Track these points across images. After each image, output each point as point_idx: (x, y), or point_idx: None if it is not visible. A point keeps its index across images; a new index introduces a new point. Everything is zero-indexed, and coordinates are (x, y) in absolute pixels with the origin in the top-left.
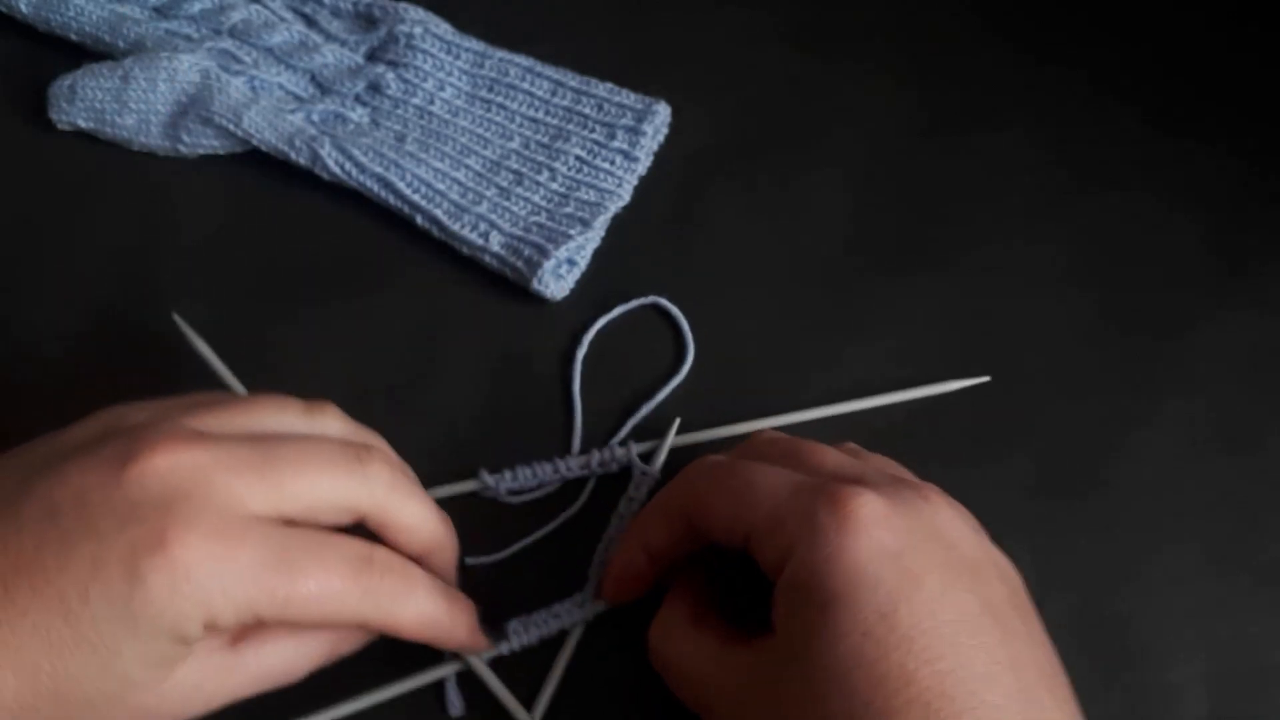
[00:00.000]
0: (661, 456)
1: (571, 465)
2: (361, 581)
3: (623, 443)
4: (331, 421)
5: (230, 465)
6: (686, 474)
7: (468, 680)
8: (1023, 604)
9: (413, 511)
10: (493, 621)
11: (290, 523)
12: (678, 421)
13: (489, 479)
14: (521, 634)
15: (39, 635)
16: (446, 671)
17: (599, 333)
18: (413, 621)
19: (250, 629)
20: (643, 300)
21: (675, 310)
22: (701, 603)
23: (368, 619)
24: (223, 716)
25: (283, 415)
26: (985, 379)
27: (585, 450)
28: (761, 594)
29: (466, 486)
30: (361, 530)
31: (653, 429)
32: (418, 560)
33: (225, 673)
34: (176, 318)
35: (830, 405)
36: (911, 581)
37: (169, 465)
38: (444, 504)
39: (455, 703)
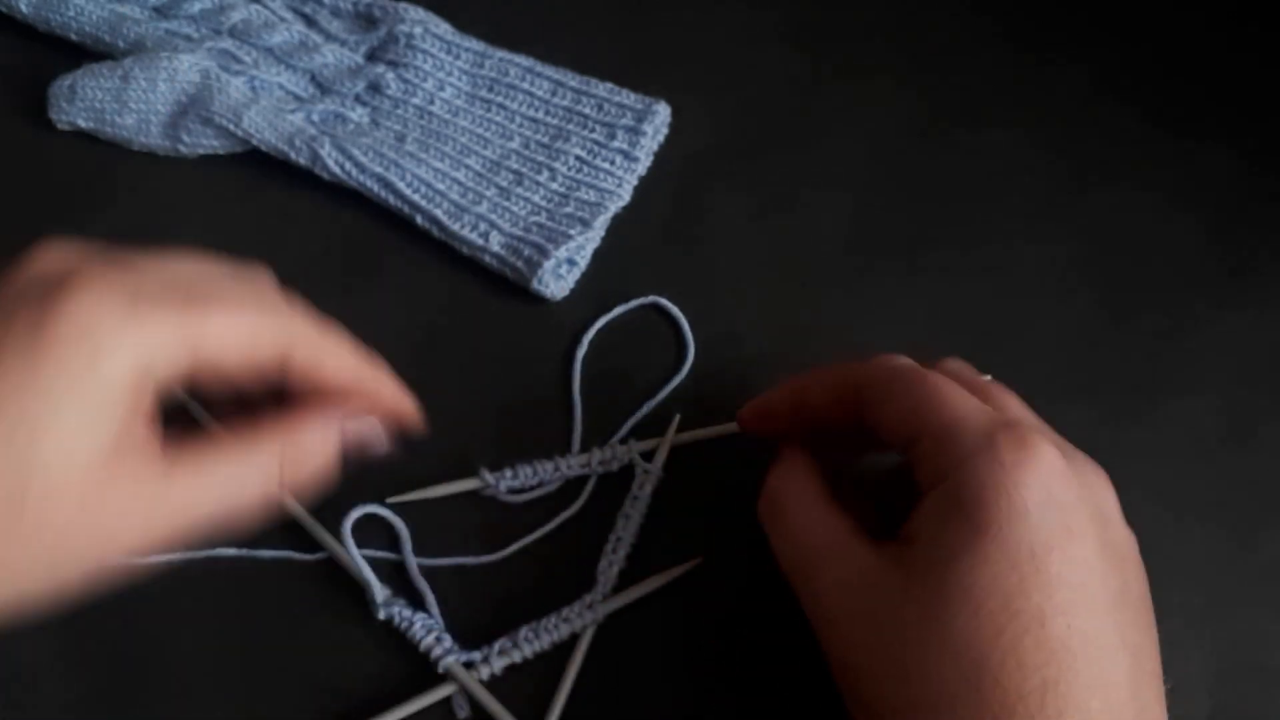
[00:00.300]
0: (662, 454)
1: (572, 464)
2: (279, 306)
3: (623, 441)
4: (250, 274)
5: (105, 252)
6: (876, 362)
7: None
8: (1149, 603)
9: (339, 345)
10: (497, 623)
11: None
12: (677, 419)
13: (489, 477)
14: (534, 640)
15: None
16: (448, 691)
17: (599, 332)
18: (337, 366)
19: (183, 451)
20: (643, 300)
21: (675, 310)
22: (832, 488)
23: (295, 342)
24: None
25: (200, 265)
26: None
27: (585, 449)
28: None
29: (467, 485)
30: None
31: (653, 429)
32: (358, 399)
33: (155, 500)
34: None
35: None
36: (1069, 536)
37: (42, 258)
38: (444, 503)
39: (462, 704)
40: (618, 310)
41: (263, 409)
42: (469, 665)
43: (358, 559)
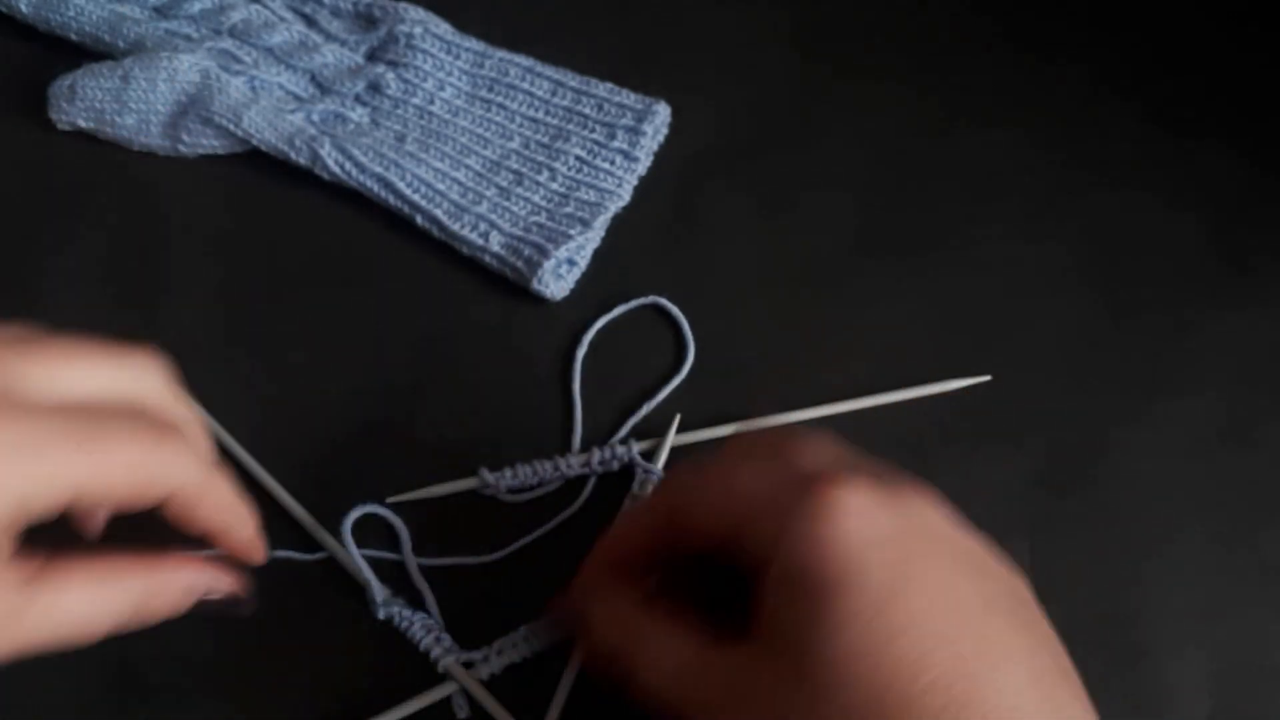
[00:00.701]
0: (664, 454)
1: (572, 463)
2: (165, 446)
3: (623, 441)
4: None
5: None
6: (667, 479)
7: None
8: (1028, 602)
9: (193, 421)
10: (497, 623)
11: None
12: (678, 419)
13: (489, 477)
14: (533, 640)
15: None
16: (447, 691)
17: (599, 332)
18: (221, 500)
19: (46, 568)
20: (643, 300)
21: (675, 310)
22: (665, 600)
23: (177, 488)
24: None
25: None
26: (986, 378)
27: (585, 449)
28: (727, 602)
29: (466, 484)
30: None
31: (653, 429)
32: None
33: (16, 614)
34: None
35: (830, 405)
36: (904, 568)
37: None
38: (444, 502)
39: (462, 705)
40: (618, 310)
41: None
42: (468, 665)
43: (358, 559)
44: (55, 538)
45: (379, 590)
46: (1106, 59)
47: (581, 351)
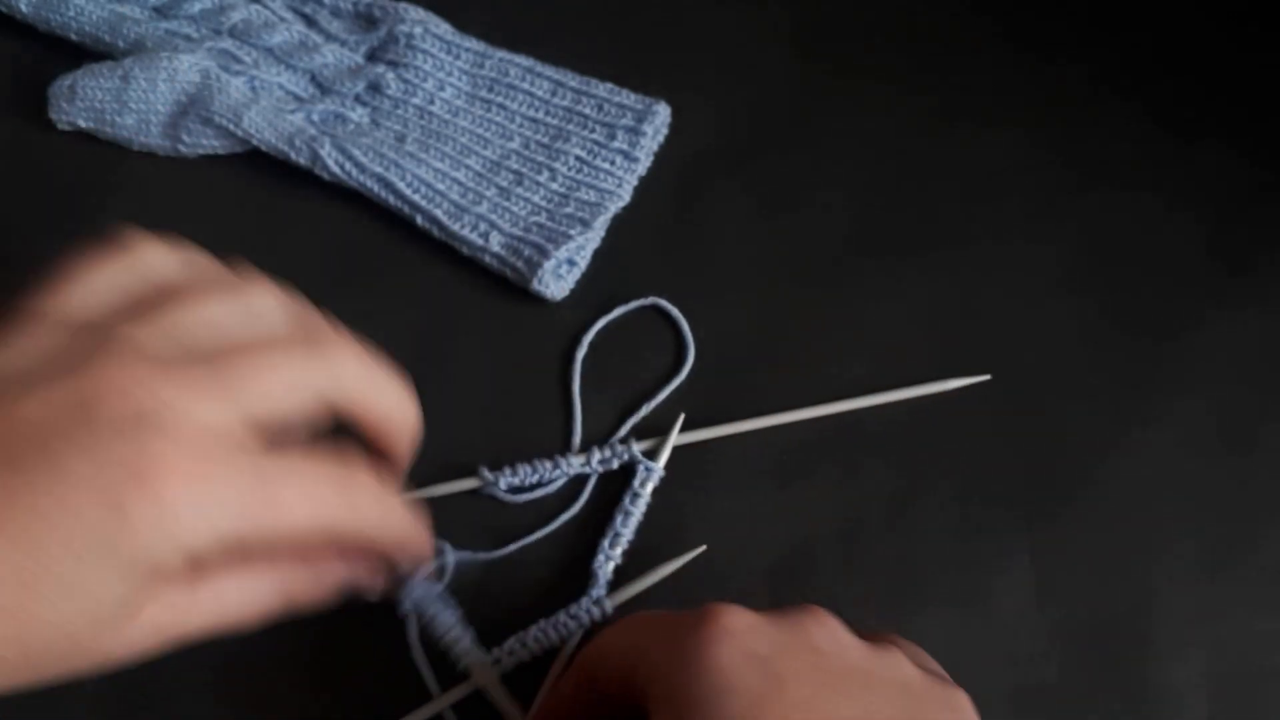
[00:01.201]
0: (666, 452)
1: (573, 462)
2: (345, 497)
3: (624, 440)
4: (267, 301)
5: (188, 384)
6: (588, 643)
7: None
8: (922, 697)
9: (382, 389)
10: (499, 622)
11: (263, 429)
12: (682, 418)
13: (489, 475)
14: (545, 638)
15: (7, 577)
16: (462, 693)
17: (599, 333)
18: (392, 535)
19: (206, 566)
20: (642, 301)
21: (675, 311)
22: None
23: (348, 531)
24: None
25: (220, 307)
26: (985, 377)
27: (585, 449)
28: None
29: (466, 484)
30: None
31: (653, 429)
32: (387, 444)
33: (184, 611)
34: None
35: (829, 404)
36: (777, 685)
37: (129, 396)
38: (443, 502)
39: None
40: (618, 311)
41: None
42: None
43: None
44: None
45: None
46: (1106, 59)
47: (581, 353)
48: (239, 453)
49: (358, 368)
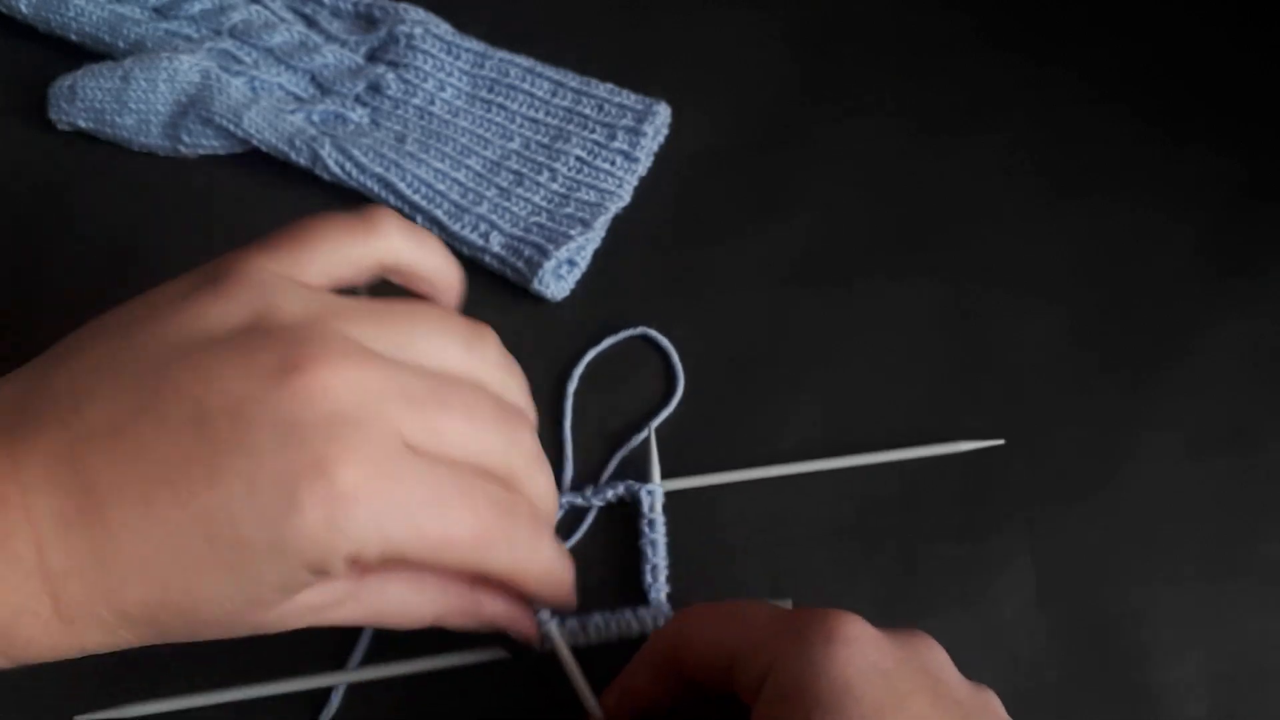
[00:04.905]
0: (656, 469)
1: (565, 497)
2: (504, 528)
3: (611, 480)
4: (491, 352)
5: (399, 395)
6: (677, 617)
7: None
8: None
9: (541, 483)
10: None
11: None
12: (653, 432)
13: None
14: (603, 628)
15: (176, 551)
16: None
17: (592, 335)
18: (540, 572)
19: (379, 565)
20: (631, 331)
21: (664, 341)
22: None
23: (502, 567)
24: None
25: (445, 339)
26: (999, 441)
27: (576, 471)
28: None
29: None
30: None
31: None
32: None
33: (342, 601)
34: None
35: (831, 459)
36: (897, 701)
37: (338, 385)
38: None
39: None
40: (606, 342)
41: None
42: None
43: None
44: None
45: None
46: (1106, 62)
47: (573, 386)
48: (422, 466)
49: (529, 461)
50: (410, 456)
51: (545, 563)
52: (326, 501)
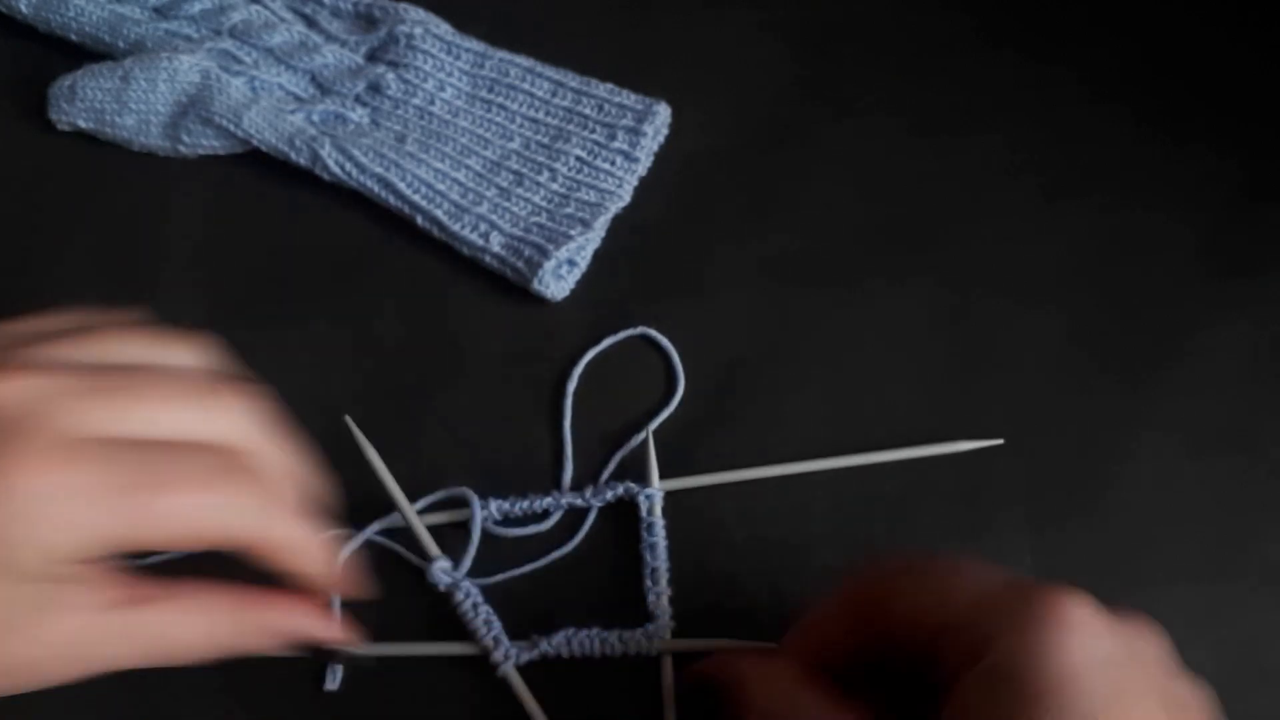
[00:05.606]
0: (655, 472)
1: (567, 499)
2: (225, 493)
3: (615, 476)
4: (183, 353)
5: (68, 389)
6: (878, 566)
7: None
8: None
9: (271, 445)
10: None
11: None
12: (650, 434)
13: (476, 508)
14: (586, 645)
15: None
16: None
17: (592, 335)
18: (286, 537)
19: (130, 594)
20: (631, 331)
21: (664, 341)
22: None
23: (234, 535)
24: None
25: (133, 345)
26: (998, 441)
27: (577, 472)
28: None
29: (457, 515)
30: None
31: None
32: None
33: (104, 634)
34: (348, 420)
35: (831, 459)
36: (1122, 696)
37: (3, 394)
38: (444, 509)
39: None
40: (606, 342)
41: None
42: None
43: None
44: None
45: (441, 561)
46: (1106, 62)
47: (572, 386)
48: (107, 453)
49: (249, 422)
50: (94, 441)
51: (290, 529)
52: (6, 501)
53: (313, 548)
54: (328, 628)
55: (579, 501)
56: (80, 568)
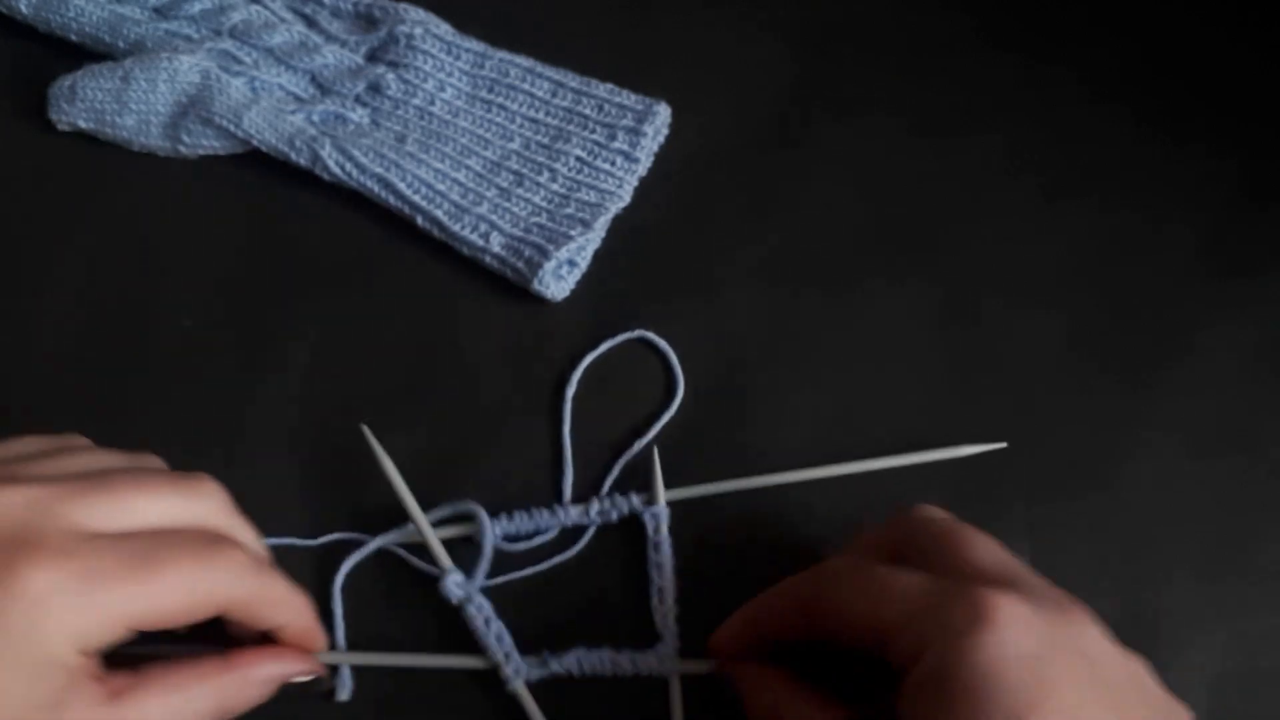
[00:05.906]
0: (660, 490)
1: (570, 513)
2: (217, 562)
3: (616, 489)
4: (153, 460)
5: (62, 496)
6: (817, 572)
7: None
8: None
9: (247, 532)
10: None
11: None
12: (656, 450)
13: (486, 526)
14: (597, 665)
15: None
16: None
17: (592, 336)
18: (275, 596)
19: (129, 682)
20: (629, 335)
21: (664, 344)
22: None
23: (231, 597)
24: None
25: (108, 457)
26: (1001, 445)
27: (577, 475)
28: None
29: (460, 530)
30: None
31: (645, 459)
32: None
33: None
34: (365, 430)
35: (833, 466)
36: (1045, 690)
37: (4, 505)
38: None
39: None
40: (604, 346)
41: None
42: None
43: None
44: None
45: (455, 574)
46: (1106, 62)
47: (571, 390)
48: (108, 544)
49: (228, 507)
50: (94, 536)
51: (275, 588)
52: (21, 599)
53: (296, 601)
54: (311, 666)
55: (584, 520)
56: (89, 661)
